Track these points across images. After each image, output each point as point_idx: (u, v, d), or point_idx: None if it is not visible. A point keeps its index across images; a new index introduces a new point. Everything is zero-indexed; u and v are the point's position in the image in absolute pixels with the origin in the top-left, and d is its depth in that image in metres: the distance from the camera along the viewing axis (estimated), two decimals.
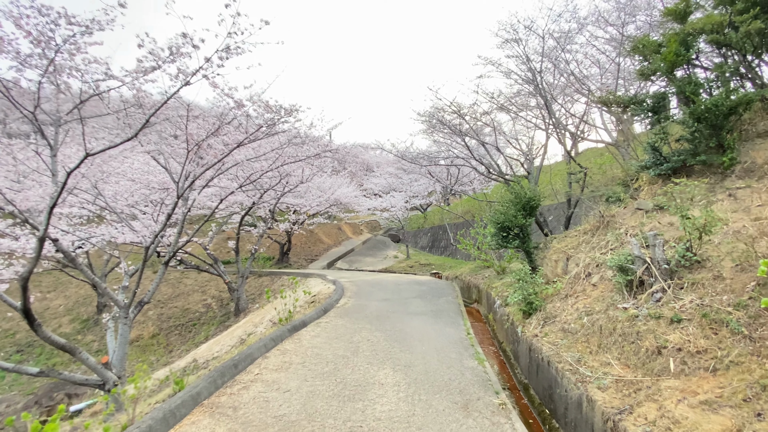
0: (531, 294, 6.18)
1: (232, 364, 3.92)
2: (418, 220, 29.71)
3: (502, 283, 9.07)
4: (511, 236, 8.57)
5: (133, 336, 13.55)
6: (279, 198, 14.62)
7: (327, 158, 11.17)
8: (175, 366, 11.09)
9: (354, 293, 9.81)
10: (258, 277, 16.58)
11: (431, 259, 19.50)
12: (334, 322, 6.32)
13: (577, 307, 5.56)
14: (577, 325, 5.10)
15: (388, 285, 11.20)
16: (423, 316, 6.94)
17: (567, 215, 9.81)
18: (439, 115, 11.35)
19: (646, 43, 6.43)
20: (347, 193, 21.71)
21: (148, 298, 7.45)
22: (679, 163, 5.79)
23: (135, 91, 5.39)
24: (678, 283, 4.16)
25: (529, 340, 5.58)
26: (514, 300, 6.11)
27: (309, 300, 10.64)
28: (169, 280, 17.05)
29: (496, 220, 8.45)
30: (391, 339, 5.33)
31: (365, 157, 47.07)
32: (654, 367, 3.61)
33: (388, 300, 8.63)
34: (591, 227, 7.00)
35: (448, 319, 6.80)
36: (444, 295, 9.33)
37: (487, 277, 11.08)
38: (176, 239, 7.85)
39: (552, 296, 6.26)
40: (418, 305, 7.98)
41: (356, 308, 7.63)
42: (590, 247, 6.50)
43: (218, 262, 14.01)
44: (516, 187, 8.73)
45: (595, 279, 5.81)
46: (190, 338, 13.28)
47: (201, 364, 10.58)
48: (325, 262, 21.34)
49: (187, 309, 15.09)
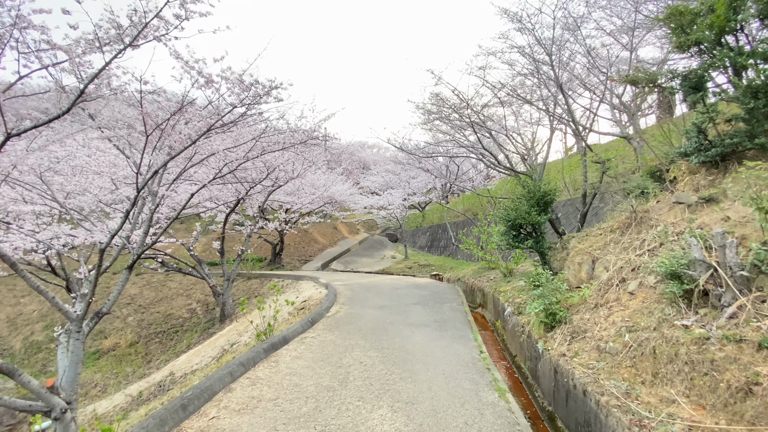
0: (554, 303, 5.25)
1: (180, 404, 2.96)
2: (416, 219, 28.77)
3: (513, 288, 8.14)
4: (522, 235, 7.64)
5: (109, 345, 12.53)
6: (268, 195, 13.64)
7: (317, 148, 10.18)
8: (151, 379, 10.10)
9: (348, 299, 8.85)
10: (247, 280, 15.57)
11: (431, 259, 18.56)
12: (321, 337, 5.36)
13: (614, 320, 4.62)
14: (618, 345, 4.16)
15: (386, 289, 10.25)
16: (426, 328, 5.99)
17: (582, 212, 8.89)
18: (441, 104, 10.40)
19: (683, 10, 5.50)
20: (342, 191, 20.72)
21: (107, 308, 6.45)
22: (730, 147, 4.86)
23: (77, 61, 4.38)
24: (760, 296, 3.22)
25: (554, 360, 4.64)
26: (533, 310, 5.17)
27: (299, 306, 9.67)
28: (152, 284, 16.02)
29: (506, 217, 7.51)
30: (389, 361, 4.37)
31: (362, 155, 46.05)
32: (744, 411, 2.68)
33: (386, 307, 7.68)
34: (619, 225, 6.06)
35: (455, 332, 5.85)
36: (447, 301, 8.38)
37: (492, 279, 10.16)
38: (142, 240, 6.86)
39: (578, 306, 5.33)
40: (420, 314, 7.03)
41: (349, 318, 6.68)
42: (621, 248, 5.57)
43: (202, 264, 13.01)
44: (528, 181, 7.80)
45: (632, 286, 4.88)
46: (171, 347, 12.27)
47: (178, 378, 9.59)
48: (320, 263, 20.37)
49: (170, 314, 14.06)
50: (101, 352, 12.46)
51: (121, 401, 9.22)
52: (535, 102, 11.32)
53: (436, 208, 27.28)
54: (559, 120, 10.47)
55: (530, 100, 11.08)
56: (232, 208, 11.65)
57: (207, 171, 8.61)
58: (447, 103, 8.86)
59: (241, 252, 13.09)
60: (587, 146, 8.07)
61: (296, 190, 17.76)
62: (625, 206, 6.11)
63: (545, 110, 10.55)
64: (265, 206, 18.54)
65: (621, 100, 12.65)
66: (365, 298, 8.85)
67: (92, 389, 10.83)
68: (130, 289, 15.51)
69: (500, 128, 15.47)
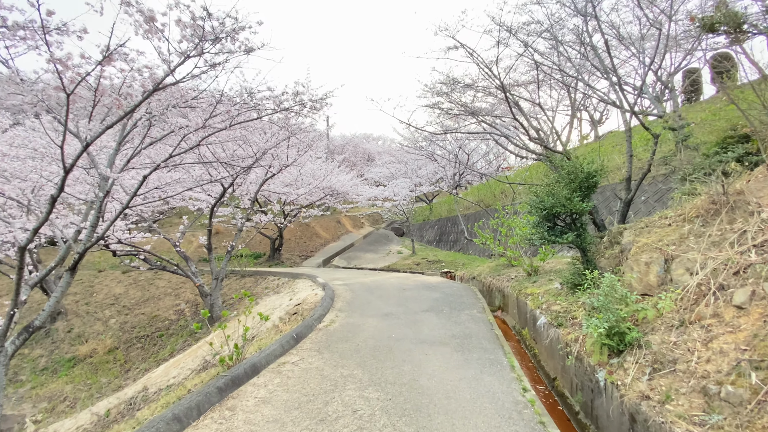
0: (620, 319, 3.84)
1: None
2: (423, 212, 27.31)
3: (545, 292, 6.73)
4: (559, 227, 6.20)
5: (86, 351, 11.36)
6: (261, 184, 12.30)
7: (312, 133, 8.77)
8: (123, 395, 8.89)
9: (346, 303, 7.50)
10: (240, 278, 14.30)
11: (440, 254, 17.15)
12: (305, 363, 4.02)
13: (721, 347, 3.20)
14: (742, 389, 2.75)
15: (391, 290, 8.88)
16: (443, 347, 4.60)
17: (625, 199, 7.42)
18: (454, 84, 8.93)
19: None
20: (344, 181, 19.28)
21: (41, 320, 5.16)
22: None
23: None
24: None
25: (629, 403, 3.27)
26: (594, 329, 3.75)
27: (291, 311, 8.36)
28: (140, 282, 14.82)
29: (539, 205, 6.06)
30: (397, 409, 2.99)
31: (367, 147, 44.54)
32: None
33: (391, 316, 6.31)
34: (697, 211, 4.59)
35: (483, 354, 4.45)
36: (465, 307, 7.00)
37: (513, 278, 8.76)
38: (89, 235, 5.53)
39: (653, 323, 3.91)
40: (434, 325, 5.65)
41: (345, 332, 5.33)
42: (708, 243, 4.12)
43: (189, 261, 11.76)
44: (566, 162, 6.34)
45: (739, 297, 3.44)
46: (154, 353, 11.07)
47: (151, 394, 8.35)
48: (321, 260, 19.06)
49: (156, 316, 12.86)
50: (77, 359, 11.29)
51: (86, 421, 8.02)
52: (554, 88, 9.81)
53: (444, 200, 25.76)
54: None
55: (548, 85, 9.52)
56: (218, 199, 10.34)
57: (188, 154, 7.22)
58: (458, 84, 7.36)
59: (231, 248, 11.81)
60: (640, 121, 6.54)
61: (294, 180, 16.41)
62: (704, 188, 4.66)
63: (566, 95, 9.09)
64: (262, 198, 17.23)
65: (660, 78, 11.05)
66: (367, 303, 7.49)
67: (60, 404, 9.65)
68: (115, 288, 14.33)
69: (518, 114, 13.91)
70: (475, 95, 8.67)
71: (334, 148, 36.76)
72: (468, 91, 9.18)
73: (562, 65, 7.90)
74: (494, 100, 9.10)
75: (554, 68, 7.39)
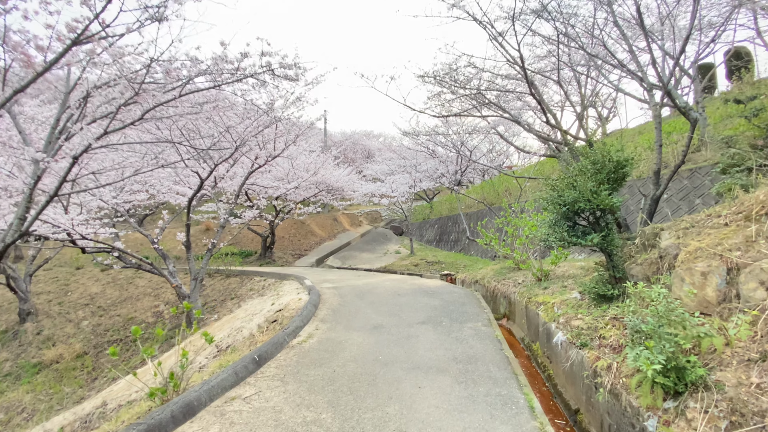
0: (679, 350, 2.88)
1: None
2: (424, 210, 26.33)
3: (561, 302, 5.76)
4: (581, 227, 5.23)
5: (52, 356, 10.43)
6: (246, 177, 11.35)
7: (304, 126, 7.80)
8: (80, 410, 7.94)
9: (332, 311, 6.54)
10: (225, 278, 13.34)
11: (440, 255, 16.18)
12: (259, 402, 3.05)
13: None
14: None
15: (385, 295, 7.93)
16: (441, 377, 3.63)
17: (654, 195, 6.46)
18: (454, 74, 7.93)
19: None
20: (339, 176, 18.28)
21: None
22: None
23: None
24: None
25: None
26: (645, 364, 2.78)
27: (271, 318, 7.42)
28: (118, 281, 13.87)
29: (557, 201, 5.08)
30: None
31: (367, 144, 43.54)
32: None
33: (380, 329, 5.35)
34: (759, 209, 3.61)
35: (492, 388, 3.47)
36: (469, 318, 6.03)
37: (521, 283, 7.81)
38: (15, 227, 4.59)
39: (724, 353, 2.94)
40: (431, 343, 4.68)
41: (322, 352, 4.37)
42: None
43: (167, 259, 10.83)
44: (590, 150, 5.36)
45: None
46: (126, 360, 10.13)
47: (109, 411, 7.41)
48: (315, 259, 18.11)
49: (132, 318, 11.91)
50: (43, 365, 10.35)
51: None
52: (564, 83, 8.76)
53: (445, 198, 24.76)
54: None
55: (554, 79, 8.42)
56: (195, 191, 9.38)
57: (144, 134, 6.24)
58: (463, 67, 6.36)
59: (212, 246, 10.87)
60: (678, 107, 5.55)
61: (285, 174, 15.45)
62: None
63: (577, 88, 8.09)
64: (251, 192, 16.25)
65: (682, 68, 10.08)
66: (355, 311, 6.53)
67: (17, 416, 8.71)
68: (92, 287, 13.38)
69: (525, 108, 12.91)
70: (481, 78, 7.67)
71: (333, 143, 35.76)
72: (476, 75, 8.17)
73: (585, 44, 6.90)
74: (504, 81, 8.10)
75: (576, 46, 6.40)
